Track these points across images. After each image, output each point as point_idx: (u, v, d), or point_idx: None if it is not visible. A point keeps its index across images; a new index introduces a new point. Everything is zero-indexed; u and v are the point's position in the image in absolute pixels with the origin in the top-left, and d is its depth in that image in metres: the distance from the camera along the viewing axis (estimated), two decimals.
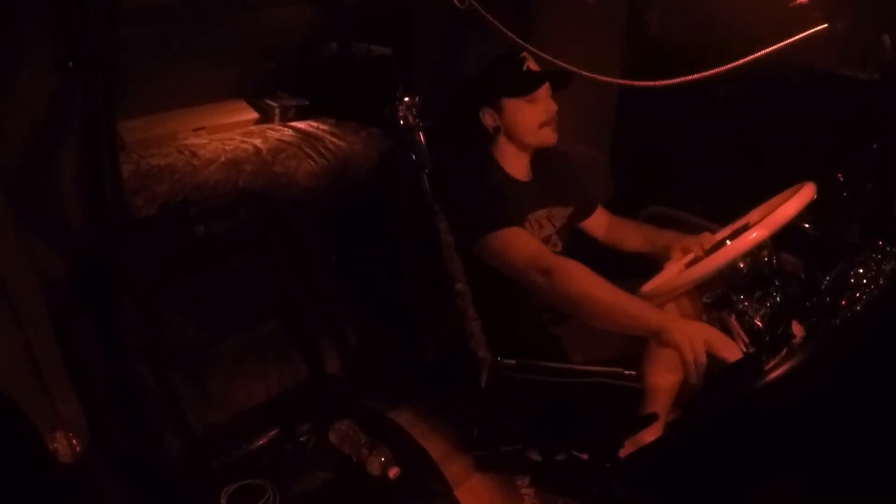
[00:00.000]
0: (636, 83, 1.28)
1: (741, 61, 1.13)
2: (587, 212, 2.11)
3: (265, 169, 2.47)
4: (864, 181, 1.88)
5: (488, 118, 1.90)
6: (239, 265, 1.76)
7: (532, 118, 1.88)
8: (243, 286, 1.76)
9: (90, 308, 1.57)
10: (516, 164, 1.97)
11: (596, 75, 1.28)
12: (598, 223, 2.13)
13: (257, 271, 1.78)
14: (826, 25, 1.10)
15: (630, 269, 2.09)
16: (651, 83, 1.22)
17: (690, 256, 1.82)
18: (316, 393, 1.78)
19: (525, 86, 1.86)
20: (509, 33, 1.38)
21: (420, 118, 1.56)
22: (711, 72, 1.15)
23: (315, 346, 1.79)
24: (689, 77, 1.16)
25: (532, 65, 1.89)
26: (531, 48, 1.40)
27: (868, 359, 0.98)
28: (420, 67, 2.44)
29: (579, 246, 2.13)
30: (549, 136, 1.91)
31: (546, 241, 1.97)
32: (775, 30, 1.14)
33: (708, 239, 1.86)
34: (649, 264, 2.00)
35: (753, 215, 1.73)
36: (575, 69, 1.30)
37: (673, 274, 1.80)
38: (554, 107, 1.89)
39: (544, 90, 1.89)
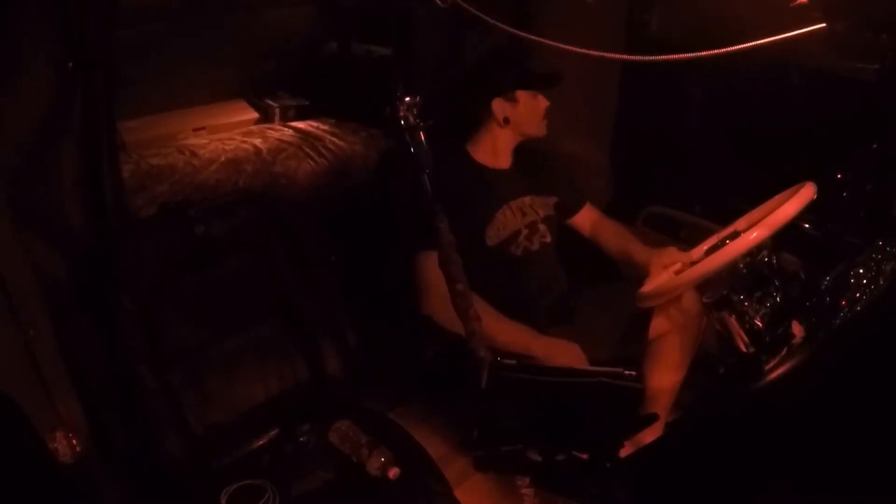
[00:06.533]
0: (633, 57, 1.28)
1: (740, 47, 1.13)
2: (573, 207, 2.11)
3: (265, 169, 2.47)
4: (864, 181, 1.88)
5: (499, 108, 1.94)
6: (239, 265, 1.76)
7: (538, 110, 1.95)
8: (243, 286, 1.76)
9: (90, 308, 1.57)
10: (496, 154, 2.00)
11: (597, 52, 1.28)
12: (585, 221, 2.12)
13: (257, 271, 1.78)
14: (825, 25, 1.10)
15: (620, 270, 2.09)
16: (650, 57, 1.22)
17: (677, 266, 1.82)
18: (316, 393, 1.78)
19: (541, 80, 1.92)
20: (503, 26, 1.38)
21: (420, 118, 1.56)
22: (708, 52, 1.14)
23: (315, 346, 1.79)
24: (688, 55, 1.15)
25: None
26: (528, 36, 1.39)
27: (868, 359, 0.98)
28: (420, 67, 2.44)
29: (572, 243, 2.12)
30: (544, 129, 1.98)
31: (531, 228, 1.98)
32: (775, 29, 1.14)
33: (678, 254, 1.85)
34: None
35: (741, 223, 1.73)
36: (578, 49, 1.30)
37: (672, 275, 1.80)
38: (547, 101, 1.95)
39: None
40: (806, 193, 1.55)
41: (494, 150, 1.99)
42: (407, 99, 1.53)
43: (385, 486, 1.52)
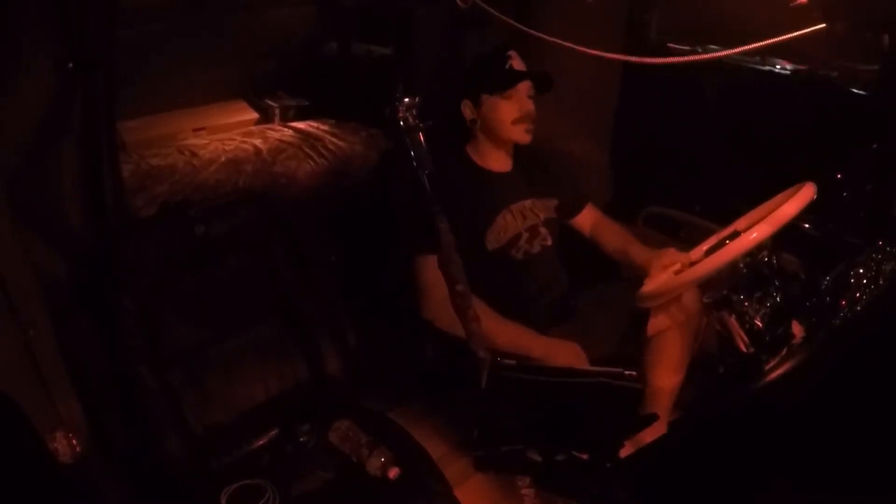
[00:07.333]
0: (635, 58, 1.28)
1: (740, 49, 1.13)
2: (574, 208, 2.11)
3: (265, 169, 2.47)
4: (864, 181, 1.88)
5: (467, 111, 1.96)
6: (239, 265, 1.76)
7: (506, 114, 1.92)
8: (243, 286, 1.76)
9: (90, 308, 1.57)
10: (494, 157, 2.00)
11: (597, 51, 1.28)
12: (586, 222, 2.12)
13: (257, 271, 1.78)
14: (825, 25, 1.10)
15: (621, 271, 2.09)
16: (651, 59, 1.22)
17: (676, 267, 1.82)
18: (316, 393, 1.78)
19: (503, 83, 1.90)
20: (515, 23, 1.38)
21: (420, 118, 1.56)
22: (710, 55, 1.15)
23: (315, 346, 1.79)
24: (690, 58, 1.15)
25: (516, 63, 1.92)
26: (537, 33, 1.40)
27: (868, 359, 0.98)
28: (420, 67, 2.44)
29: (572, 243, 2.12)
30: (521, 135, 1.94)
31: (532, 231, 1.97)
32: (775, 29, 1.14)
33: (678, 254, 1.85)
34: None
35: (741, 223, 1.73)
36: (578, 47, 1.30)
37: (671, 275, 1.80)
38: (529, 106, 1.93)
39: (523, 90, 1.92)
40: (806, 193, 1.55)
41: (488, 152, 2.00)
42: (406, 100, 1.53)
43: (385, 486, 1.52)
